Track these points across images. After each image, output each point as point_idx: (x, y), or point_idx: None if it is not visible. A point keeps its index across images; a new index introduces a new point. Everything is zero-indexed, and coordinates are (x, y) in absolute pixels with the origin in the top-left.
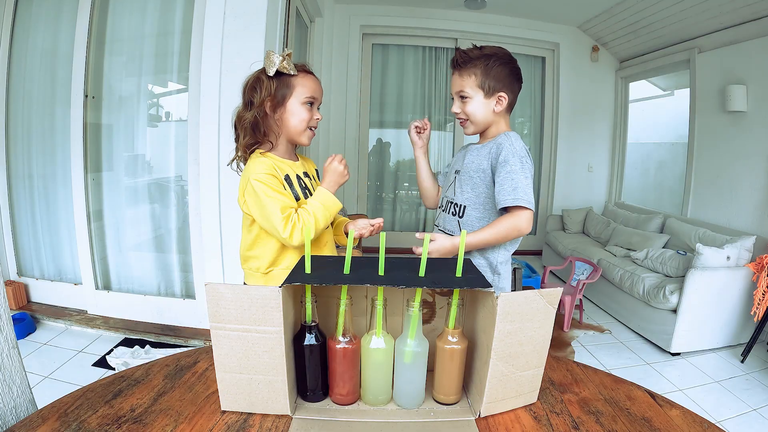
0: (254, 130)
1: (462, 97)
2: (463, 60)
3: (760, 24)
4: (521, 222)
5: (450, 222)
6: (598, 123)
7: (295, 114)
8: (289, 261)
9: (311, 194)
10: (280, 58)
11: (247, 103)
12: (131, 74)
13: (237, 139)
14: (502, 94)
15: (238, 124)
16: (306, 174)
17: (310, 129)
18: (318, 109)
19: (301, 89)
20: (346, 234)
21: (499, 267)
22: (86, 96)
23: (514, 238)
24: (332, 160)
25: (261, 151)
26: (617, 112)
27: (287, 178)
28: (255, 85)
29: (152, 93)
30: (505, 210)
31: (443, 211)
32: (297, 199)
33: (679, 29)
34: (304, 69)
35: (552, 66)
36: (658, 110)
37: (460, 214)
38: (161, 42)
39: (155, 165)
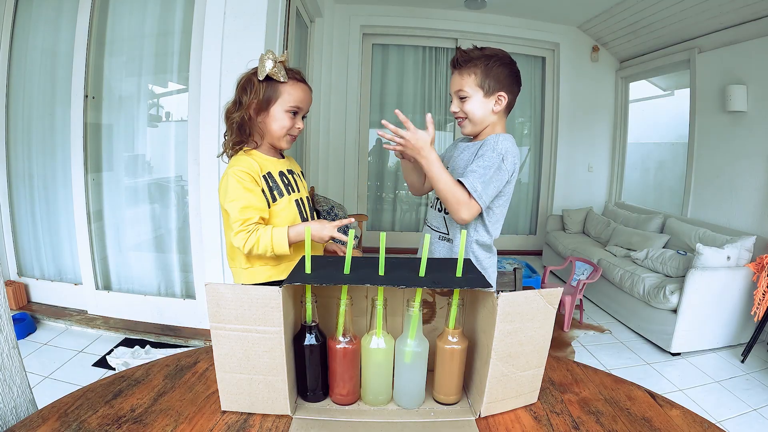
0: (240, 130)
1: (461, 97)
2: (463, 59)
3: (760, 24)
4: (467, 209)
5: (437, 218)
6: (598, 123)
7: (276, 120)
8: (268, 258)
9: (294, 190)
10: (272, 63)
11: (236, 102)
12: (131, 74)
13: (226, 133)
14: (502, 93)
15: (227, 121)
16: (291, 171)
17: (290, 135)
18: (303, 118)
19: (288, 97)
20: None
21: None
22: (86, 96)
23: (452, 214)
24: (328, 225)
25: (246, 148)
26: (617, 112)
27: (269, 174)
28: (245, 85)
29: (152, 93)
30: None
31: (431, 207)
32: (281, 194)
33: (679, 29)
34: (296, 77)
35: (552, 66)
36: (658, 110)
37: (446, 211)
38: (161, 42)
39: (155, 165)
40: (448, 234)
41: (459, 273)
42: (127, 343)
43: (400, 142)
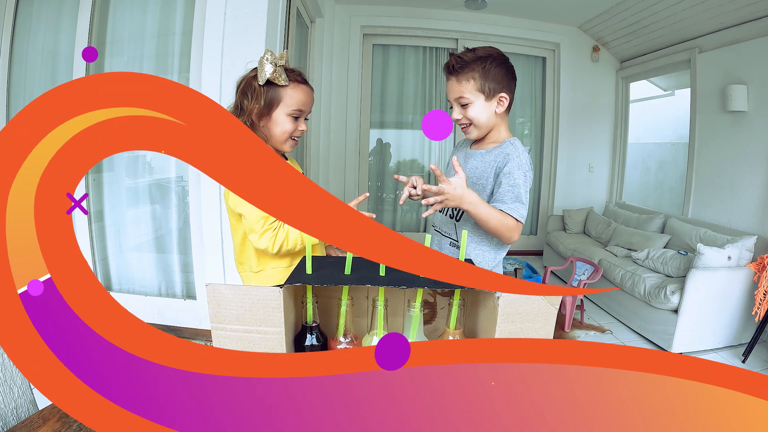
0: None
1: (462, 104)
2: (459, 65)
3: (761, 24)
4: (517, 233)
5: (448, 225)
6: (598, 123)
7: (279, 124)
8: (280, 260)
9: None
10: (272, 67)
11: (237, 106)
12: None
13: None
14: (503, 95)
15: None
16: None
17: (292, 139)
18: (306, 120)
19: (289, 101)
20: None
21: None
22: None
23: (503, 240)
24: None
25: None
26: (618, 112)
27: None
28: (246, 90)
29: None
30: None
31: (439, 212)
32: None
33: (679, 29)
34: (297, 79)
35: (552, 66)
36: (659, 110)
37: (457, 218)
38: (162, 43)
39: (156, 165)
40: (458, 241)
41: None
42: None
43: (439, 199)
